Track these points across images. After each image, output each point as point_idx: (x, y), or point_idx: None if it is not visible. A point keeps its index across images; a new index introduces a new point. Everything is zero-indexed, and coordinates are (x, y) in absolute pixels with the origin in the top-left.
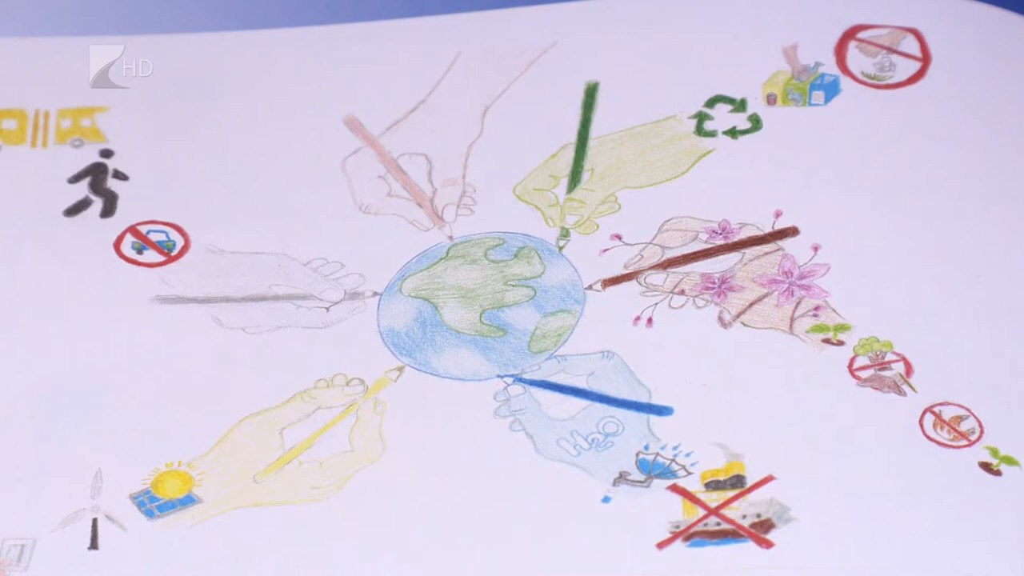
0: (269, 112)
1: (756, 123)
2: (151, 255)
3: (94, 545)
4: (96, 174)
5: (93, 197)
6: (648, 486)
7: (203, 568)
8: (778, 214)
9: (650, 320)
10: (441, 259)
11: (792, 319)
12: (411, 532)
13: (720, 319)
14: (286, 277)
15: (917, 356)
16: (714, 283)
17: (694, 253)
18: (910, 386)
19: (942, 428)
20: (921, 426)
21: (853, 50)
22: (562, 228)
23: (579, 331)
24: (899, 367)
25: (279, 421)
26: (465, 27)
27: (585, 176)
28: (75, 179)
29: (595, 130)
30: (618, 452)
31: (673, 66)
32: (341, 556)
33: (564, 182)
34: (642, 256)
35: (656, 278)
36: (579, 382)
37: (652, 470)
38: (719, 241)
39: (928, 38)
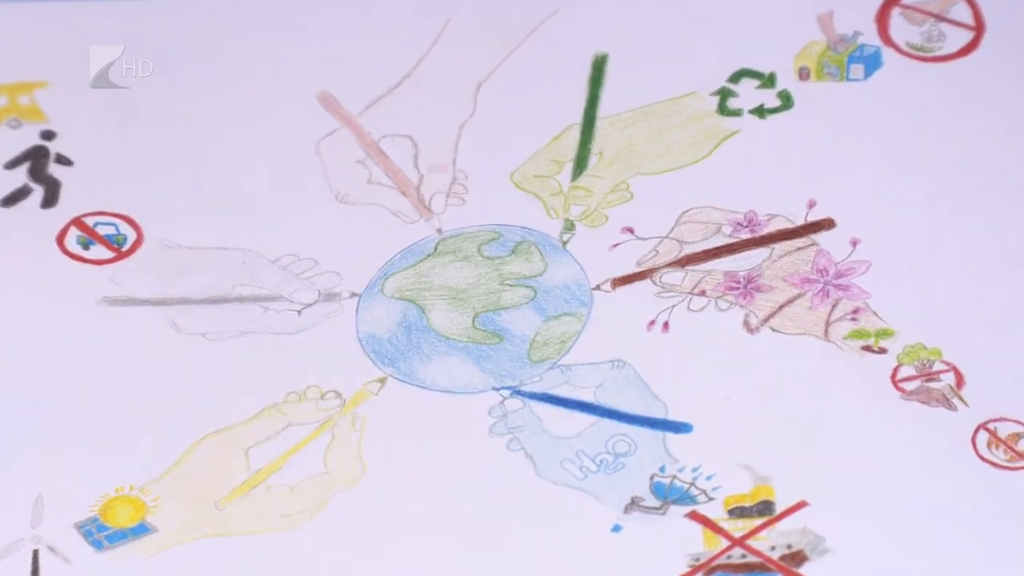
0: (233, 88)
1: (787, 100)
2: (99, 251)
3: None
4: (36, 159)
5: (33, 185)
6: (664, 513)
7: None
8: (812, 204)
9: (666, 324)
10: (429, 255)
11: (828, 323)
12: (394, 565)
13: (746, 323)
14: (252, 276)
15: (969, 366)
16: (739, 282)
17: (716, 248)
18: (961, 399)
19: (998, 447)
20: (974, 445)
21: (897, 17)
22: (566, 220)
23: (585, 337)
24: (949, 378)
25: (244, 439)
26: None
27: (592, 161)
28: (12, 164)
29: (603, 108)
30: (630, 475)
31: (692, 36)
32: None
33: (568, 168)
34: (657, 252)
35: (673, 277)
36: (586, 395)
37: (669, 495)
38: (745, 235)
39: (982, 4)
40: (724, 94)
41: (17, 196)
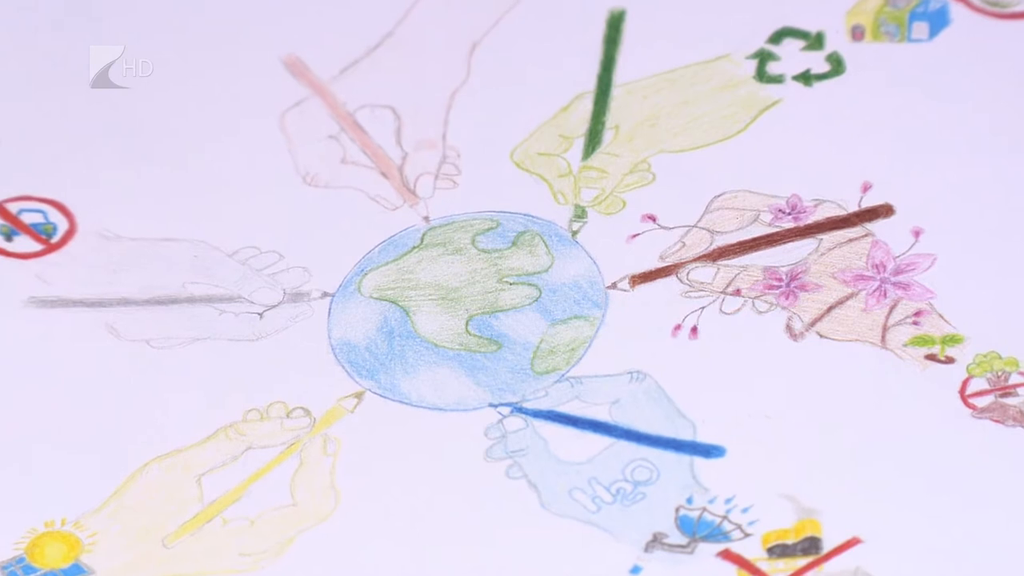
0: (184, 49)
1: (837, 65)
2: (24, 242)
3: None
4: None
5: None
6: (692, 552)
7: None
8: (866, 187)
9: (694, 329)
10: (414, 248)
11: (885, 328)
12: None
13: (789, 328)
14: (205, 272)
15: None
16: (781, 280)
17: (754, 240)
18: None
19: None
20: None
21: None
22: (576, 206)
23: (599, 344)
24: None
25: (196, 465)
26: None
27: (607, 136)
28: None
29: (620, 74)
30: (652, 507)
31: None
32: None
33: (579, 144)
34: (684, 244)
35: (703, 273)
36: (599, 413)
37: (697, 531)
38: (787, 224)
39: None
40: (763, 57)
41: None
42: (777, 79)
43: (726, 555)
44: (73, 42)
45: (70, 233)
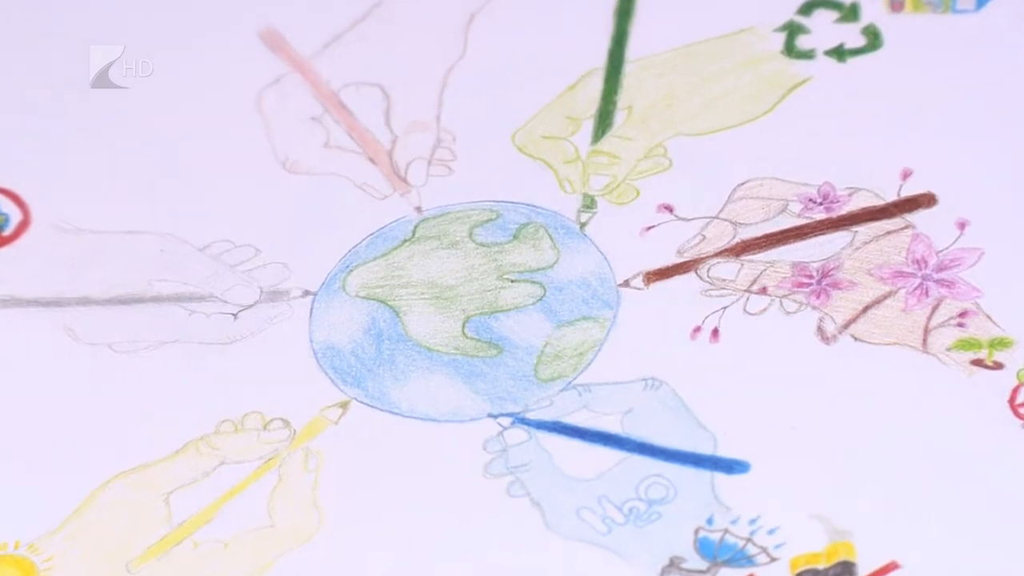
0: (149, 23)
1: (874, 38)
2: None
3: None
4: None
5: None
6: None
7: None
8: (906, 174)
9: (716, 332)
10: (405, 241)
11: (927, 330)
12: None
13: (820, 330)
14: (173, 268)
15: None
16: (811, 277)
17: (782, 232)
18: None
19: None
20: None
21: None
22: (585, 195)
23: (610, 348)
24: None
25: (164, 482)
26: None
27: (619, 118)
28: None
29: (634, 49)
30: (668, 528)
31: None
32: None
33: (588, 126)
34: (704, 237)
35: (725, 270)
36: (611, 424)
37: (719, 554)
38: (819, 215)
39: None
40: (792, 30)
41: None
42: (807, 54)
43: None
44: (31, 27)
45: (24, 225)
